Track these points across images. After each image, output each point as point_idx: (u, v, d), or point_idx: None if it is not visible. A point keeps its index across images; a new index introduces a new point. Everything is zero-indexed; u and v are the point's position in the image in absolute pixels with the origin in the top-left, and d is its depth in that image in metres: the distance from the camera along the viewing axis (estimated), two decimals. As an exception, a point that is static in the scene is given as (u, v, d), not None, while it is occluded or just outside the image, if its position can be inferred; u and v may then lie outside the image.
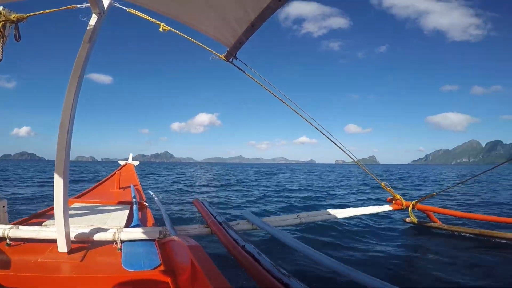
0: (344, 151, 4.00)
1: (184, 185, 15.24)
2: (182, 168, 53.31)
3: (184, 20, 2.24)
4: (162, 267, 1.95)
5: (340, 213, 4.19)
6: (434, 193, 4.57)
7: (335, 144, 3.88)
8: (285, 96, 3.26)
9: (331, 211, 4.13)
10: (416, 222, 5.33)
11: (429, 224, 5.16)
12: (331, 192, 12.70)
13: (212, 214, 3.21)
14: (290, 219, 3.67)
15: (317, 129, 3.58)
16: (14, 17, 1.92)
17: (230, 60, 2.54)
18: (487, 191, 12.90)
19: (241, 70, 2.67)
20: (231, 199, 9.84)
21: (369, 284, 1.76)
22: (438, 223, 5.13)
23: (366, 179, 21.13)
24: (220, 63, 2.59)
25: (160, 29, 2.22)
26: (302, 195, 11.24)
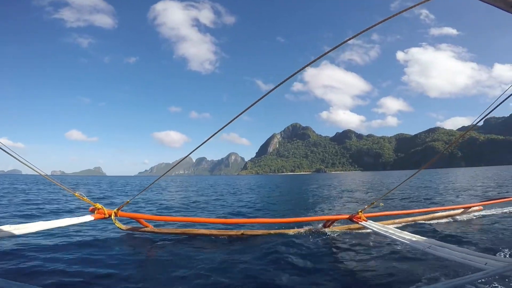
0: (20, 161, 3.54)
1: None
2: None
3: None
4: None
5: (24, 228, 3.55)
6: (128, 200, 5.00)
7: (2, 149, 3.32)
8: None
9: (9, 227, 3.37)
10: (124, 229, 5.70)
11: (141, 229, 5.70)
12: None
13: None
14: None
15: None
16: None
17: None
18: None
19: None
20: None
21: None
22: (150, 227, 5.78)
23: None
24: None
25: None
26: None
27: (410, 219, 7.35)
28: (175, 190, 23.37)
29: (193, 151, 3.90)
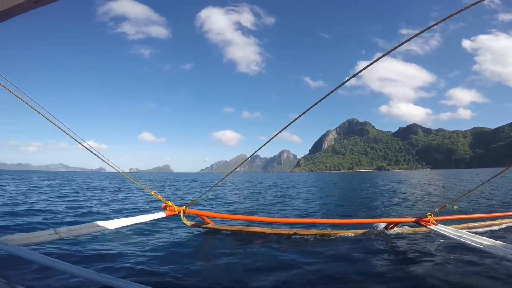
0: (105, 161, 4.01)
1: None
2: None
3: None
4: None
5: (111, 224, 4.11)
6: (195, 199, 5.41)
7: (92, 152, 3.82)
8: (27, 96, 2.88)
9: (100, 223, 3.95)
10: (190, 225, 6.15)
11: (203, 226, 6.12)
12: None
13: None
14: (44, 235, 3.25)
15: (65, 132, 3.36)
16: None
17: None
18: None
19: None
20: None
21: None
22: (211, 224, 6.16)
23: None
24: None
25: None
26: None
27: (489, 223, 6.45)
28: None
29: (258, 149, 4.09)
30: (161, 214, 5.06)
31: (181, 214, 5.36)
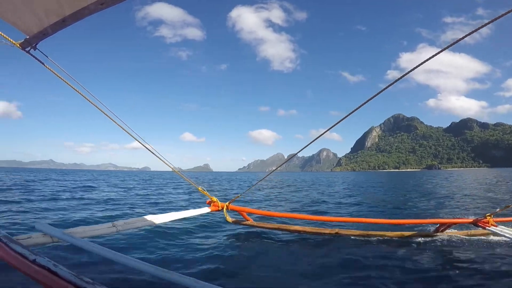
0: (161, 159, 4.25)
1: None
2: None
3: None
4: None
5: (161, 218, 4.35)
6: (238, 195, 5.57)
7: (150, 151, 4.06)
8: (93, 95, 3.12)
9: (151, 217, 4.21)
10: (231, 221, 6.26)
11: (243, 223, 6.16)
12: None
13: None
14: (103, 228, 3.50)
15: (129, 134, 3.60)
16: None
17: (27, 49, 2.27)
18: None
19: (40, 61, 2.41)
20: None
21: (184, 284, 2.01)
22: (250, 221, 6.20)
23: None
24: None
25: None
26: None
27: None
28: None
29: (302, 149, 4.07)
30: (206, 209, 5.26)
31: (224, 209, 5.51)
